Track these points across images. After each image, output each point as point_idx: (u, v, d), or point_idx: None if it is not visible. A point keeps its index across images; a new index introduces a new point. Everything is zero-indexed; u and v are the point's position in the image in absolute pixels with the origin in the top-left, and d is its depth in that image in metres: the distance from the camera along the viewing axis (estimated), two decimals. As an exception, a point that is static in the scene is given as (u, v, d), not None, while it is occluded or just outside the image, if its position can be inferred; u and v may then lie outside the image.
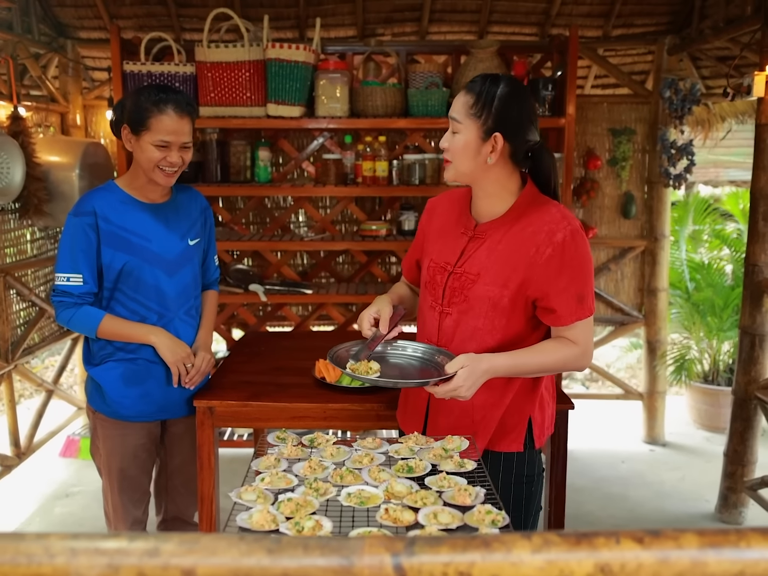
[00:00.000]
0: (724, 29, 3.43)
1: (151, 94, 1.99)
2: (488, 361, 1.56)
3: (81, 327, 2.10)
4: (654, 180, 4.21)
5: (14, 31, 3.37)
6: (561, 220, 1.62)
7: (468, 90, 1.64)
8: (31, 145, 3.28)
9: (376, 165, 3.63)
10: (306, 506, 1.25)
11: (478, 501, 1.29)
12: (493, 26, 4.11)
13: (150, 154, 2.00)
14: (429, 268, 1.79)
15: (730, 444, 3.43)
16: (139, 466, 2.24)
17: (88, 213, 2.04)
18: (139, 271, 2.09)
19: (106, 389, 2.15)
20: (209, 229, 2.33)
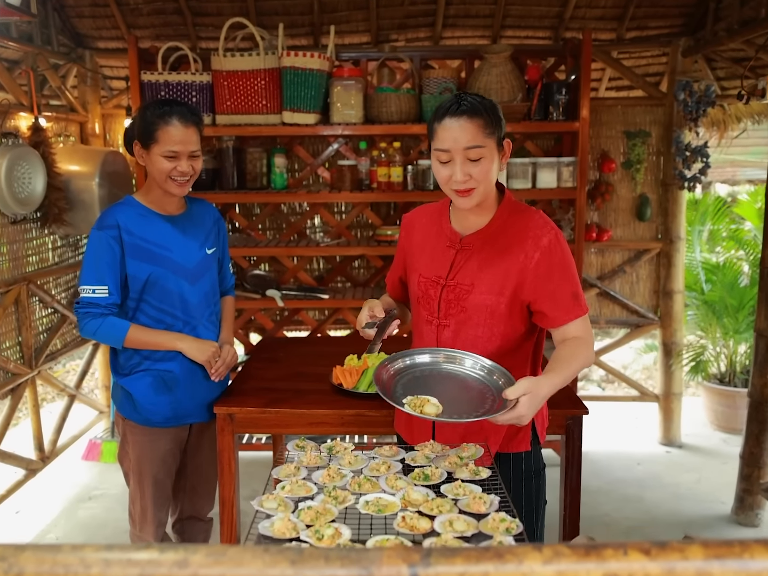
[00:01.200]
0: (739, 31, 3.42)
1: (156, 108, 2.08)
2: (547, 385, 1.54)
3: (107, 338, 2.15)
4: (669, 182, 4.20)
5: (34, 42, 3.44)
6: (544, 226, 1.70)
7: (471, 115, 1.62)
8: (51, 155, 3.34)
9: (391, 170, 3.66)
10: (325, 514, 1.28)
11: (492, 509, 1.32)
12: (506, 30, 4.11)
13: (160, 166, 2.07)
14: (420, 283, 1.82)
15: (746, 446, 3.42)
16: (166, 471, 2.31)
17: (111, 226, 2.10)
18: (164, 280, 2.15)
19: (137, 397, 2.21)
20: (223, 238, 2.41)
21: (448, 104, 1.65)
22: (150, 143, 2.07)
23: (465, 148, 1.62)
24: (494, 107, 1.67)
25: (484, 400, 1.58)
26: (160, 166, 2.08)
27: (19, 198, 3.14)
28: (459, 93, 1.68)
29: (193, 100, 3.48)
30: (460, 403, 1.56)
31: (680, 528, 3.39)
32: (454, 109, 1.63)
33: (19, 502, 3.55)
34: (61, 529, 3.37)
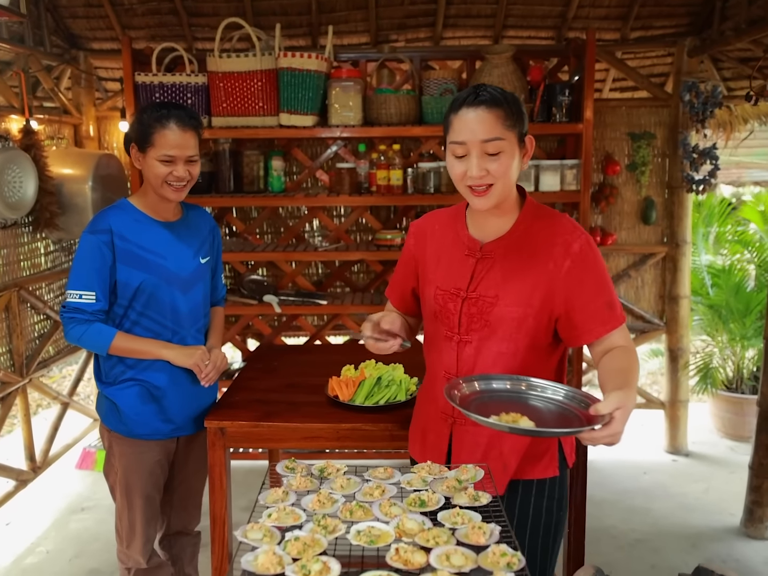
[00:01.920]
0: (747, 30, 3.34)
1: (154, 111, 2.02)
2: (631, 398, 1.38)
3: (92, 344, 2.09)
4: (674, 185, 4.12)
5: (26, 44, 3.37)
6: (573, 230, 1.58)
7: (490, 105, 1.50)
8: (43, 158, 3.28)
9: (391, 173, 3.59)
10: (314, 546, 1.20)
11: (492, 540, 1.24)
12: (508, 30, 4.04)
13: (156, 170, 2.02)
14: (437, 296, 1.68)
15: (755, 457, 3.35)
16: (154, 484, 2.23)
17: (104, 231, 2.04)
18: (156, 288, 2.09)
19: (123, 408, 2.14)
20: (217, 248, 2.35)
21: (465, 94, 1.53)
22: (146, 147, 2.02)
23: (482, 140, 1.50)
24: (516, 100, 1.55)
25: (570, 421, 1.43)
26: (156, 170, 2.02)
27: (9, 202, 3.06)
28: (478, 84, 1.55)
29: (188, 102, 3.40)
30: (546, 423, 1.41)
31: (688, 541, 3.32)
32: (472, 99, 1.51)
33: (9, 514, 3.48)
34: (52, 541, 3.29)
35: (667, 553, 3.22)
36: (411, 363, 2.41)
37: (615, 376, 1.47)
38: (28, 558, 3.16)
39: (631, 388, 1.42)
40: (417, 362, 2.50)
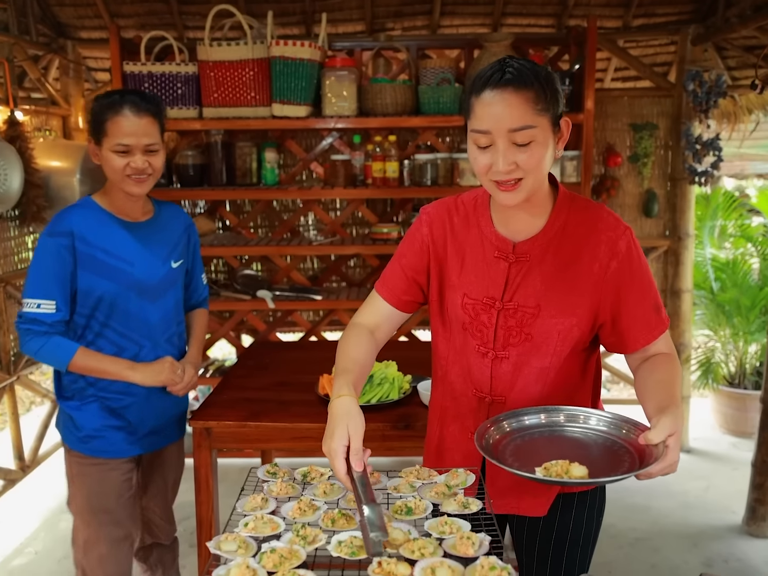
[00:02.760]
0: (752, 17, 3.27)
1: (106, 98, 1.88)
2: (681, 414, 1.26)
3: (50, 359, 1.92)
4: (677, 177, 4.04)
5: (10, 32, 3.28)
6: (617, 225, 1.41)
7: (519, 86, 1.27)
8: (29, 150, 3.19)
9: (387, 165, 3.51)
10: (291, 558, 1.13)
11: (482, 551, 1.16)
12: (507, 18, 3.96)
13: (113, 162, 1.86)
14: (466, 305, 1.47)
15: (758, 454, 3.28)
16: (123, 506, 2.05)
17: (64, 233, 1.87)
18: (121, 298, 1.93)
19: (84, 425, 1.98)
20: (194, 247, 2.18)
21: (489, 72, 1.29)
22: (101, 137, 1.86)
23: (510, 129, 1.27)
24: (549, 76, 1.30)
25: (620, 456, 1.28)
26: (112, 162, 1.86)
27: (-7, 195, 2.99)
28: (504, 58, 1.32)
29: (178, 92, 3.33)
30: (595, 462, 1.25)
31: (689, 540, 3.25)
32: (497, 78, 1.27)
33: (-3, 514, 3.43)
34: (41, 542, 3.23)
35: (668, 552, 3.16)
36: (404, 360, 2.34)
37: (658, 391, 1.33)
38: (16, 559, 3.10)
39: (678, 405, 1.28)
40: (410, 359, 2.44)
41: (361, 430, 1.29)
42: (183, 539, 2.41)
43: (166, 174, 3.64)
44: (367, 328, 1.54)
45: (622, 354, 1.48)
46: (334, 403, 1.34)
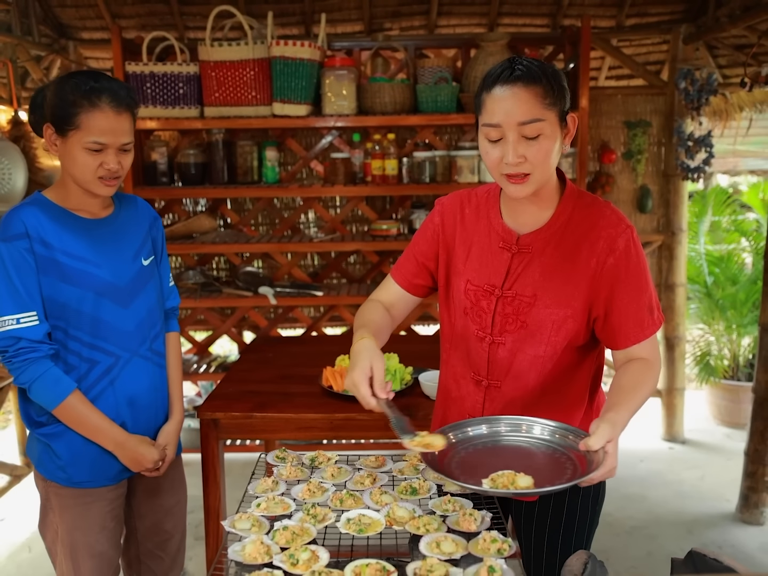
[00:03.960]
0: (741, 17, 3.33)
1: (80, 84, 1.61)
2: (621, 423, 1.30)
3: (41, 394, 1.65)
4: (670, 173, 4.11)
5: (13, 33, 3.33)
6: (618, 223, 1.44)
7: (528, 82, 1.34)
8: (33, 150, 3.25)
9: (386, 163, 3.57)
10: (302, 535, 1.20)
11: (483, 527, 1.23)
12: (503, 18, 4.02)
13: (82, 161, 1.62)
14: (468, 291, 1.54)
15: (750, 443, 3.35)
16: (108, 539, 1.80)
17: (19, 236, 1.62)
18: (87, 304, 1.69)
19: (61, 452, 1.72)
20: (161, 244, 1.93)
21: (499, 69, 1.36)
22: (68, 129, 1.60)
23: (520, 122, 1.33)
24: (556, 73, 1.38)
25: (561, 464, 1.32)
26: (81, 160, 1.62)
27: (-1, 194, 3.04)
28: (513, 57, 1.39)
29: (180, 92, 3.38)
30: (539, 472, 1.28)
31: (684, 527, 3.32)
32: (507, 75, 1.34)
33: (4, 510, 3.47)
34: (48, 535, 3.28)
35: (664, 539, 3.22)
36: (405, 353, 2.40)
37: (613, 396, 1.38)
38: (23, 553, 3.15)
39: (623, 411, 1.32)
40: (411, 352, 2.50)
41: (383, 365, 1.38)
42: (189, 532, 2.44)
43: (168, 173, 3.69)
44: (381, 304, 1.64)
45: (612, 349, 1.51)
46: (356, 345, 1.43)
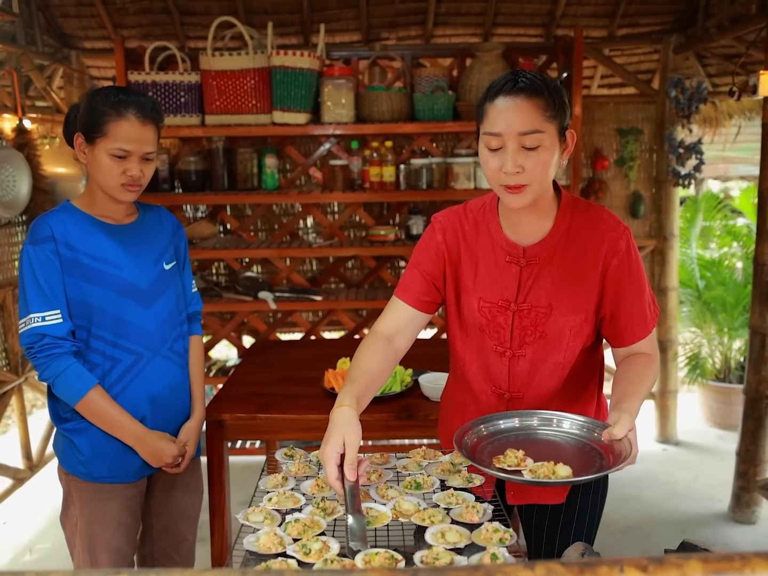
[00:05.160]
0: (729, 27, 3.40)
1: (109, 96, 1.73)
2: (635, 412, 1.34)
3: (64, 389, 1.74)
4: (662, 179, 4.19)
5: (18, 43, 3.39)
6: (617, 226, 1.49)
7: (530, 94, 1.37)
8: (36, 157, 3.30)
9: (383, 170, 3.62)
10: (313, 527, 1.25)
11: (485, 518, 1.29)
12: (498, 28, 4.09)
13: (107, 166, 1.71)
14: (482, 309, 1.54)
15: (742, 443, 3.41)
16: (124, 535, 1.87)
17: (46, 239, 1.73)
18: (111, 303, 1.79)
19: (83, 448, 1.81)
20: (184, 251, 2.01)
21: (503, 81, 1.39)
22: (96, 137, 1.70)
23: (520, 132, 1.35)
24: (558, 89, 1.41)
25: (589, 456, 1.35)
26: (106, 166, 1.71)
27: (3, 201, 3.10)
28: (516, 70, 1.43)
29: (181, 100, 3.43)
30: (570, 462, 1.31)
31: (678, 527, 3.37)
32: (510, 87, 1.37)
33: (6, 513, 3.49)
34: (50, 539, 3.29)
35: (658, 538, 3.28)
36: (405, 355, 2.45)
37: (622, 387, 1.42)
38: (25, 556, 3.17)
39: (635, 402, 1.37)
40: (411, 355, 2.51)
41: (356, 441, 1.32)
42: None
43: (169, 179, 3.75)
44: (384, 337, 1.57)
45: (617, 347, 1.55)
46: (334, 412, 1.39)
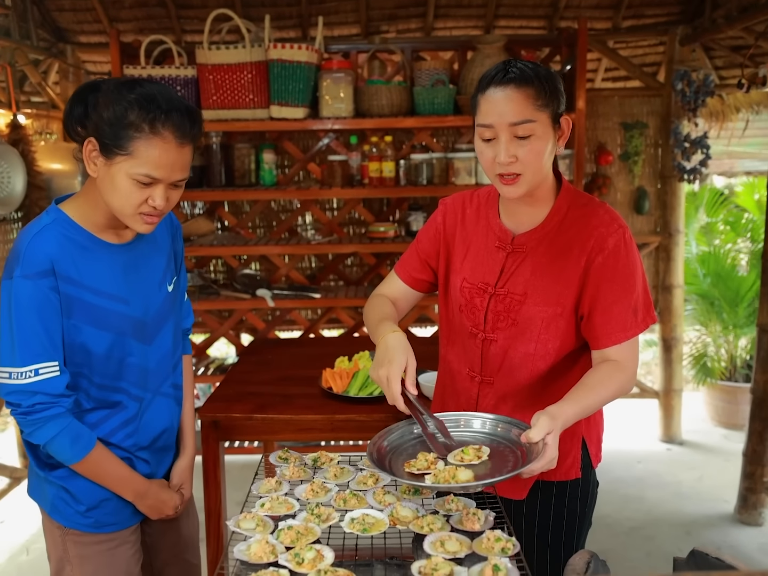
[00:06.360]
0: (738, 18, 3.34)
1: (143, 102, 1.35)
2: (562, 416, 1.30)
3: (60, 451, 1.46)
4: (667, 174, 4.13)
5: (12, 37, 3.33)
6: (610, 223, 1.45)
7: (520, 83, 1.37)
8: (31, 153, 3.25)
9: (383, 165, 3.57)
10: (307, 534, 1.20)
11: (487, 526, 1.23)
12: (499, 20, 4.03)
13: (127, 192, 1.38)
14: (463, 289, 1.58)
15: (749, 444, 3.36)
16: None
17: (44, 273, 1.39)
18: (117, 348, 1.51)
19: (82, 494, 1.53)
20: (181, 256, 1.73)
21: (493, 72, 1.40)
22: (117, 153, 1.36)
23: (511, 123, 1.36)
24: (550, 76, 1.41)
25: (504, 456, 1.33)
26: (126, 191, 1.38)
27: (-3, 198, 3.04)
28: (509, 59, 1.43)
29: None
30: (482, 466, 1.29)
31: (683, 528, 3.33)
32: (500, 77, 1.38)
33: (3, 512, 3.46)
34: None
35: (662, 540, 3.23)
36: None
37: (573, 389, 1.39)
38: (22, 556, 3.14)
39: (572, 403, 1.33)
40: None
41: (415, 363, 1.42)
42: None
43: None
44: (387, 298, 1.70)
45: (593, 349, 1.49)
46: (390, 336, 1.45)
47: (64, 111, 1.46)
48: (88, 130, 1.40)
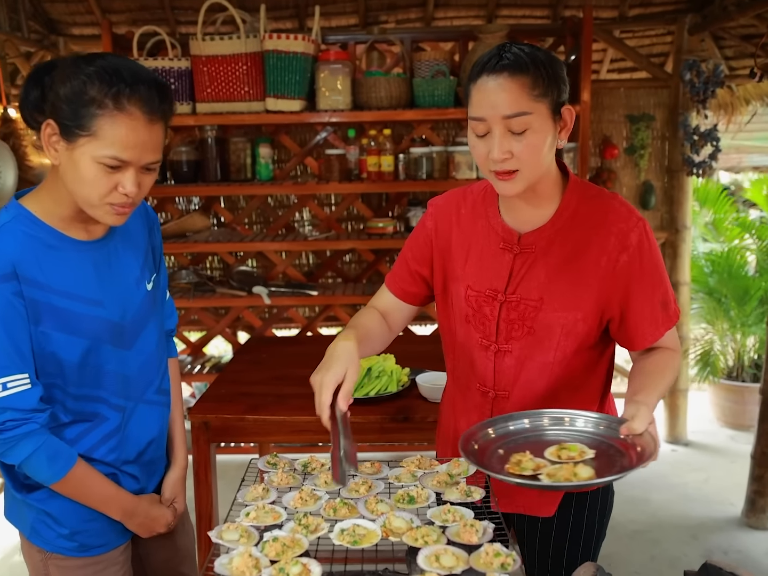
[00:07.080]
0: (750, 5, 3.26)
1: (104, 75, 1.21)
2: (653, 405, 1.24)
3: (37, 471, 1.34)
4: (674, 168, 4.04)
5: (2, 29, 3.27)
6: (629, 217, 1.35)
7: (514, 71, 1.24)
8: (22, 147, 3.19)
9: (382, 159, 3.49)
10: (293, 547, 1.12)
11: (486, 539, 1.15)
12: (502, 9, 3.96)
13: (93, 177, 1.23)
14: (469, 297, 1.44)
15: (757, 446, 3.29)
16: None
17: (6, 277, 1.26)
18: (93, 356, 1.38)
19: (64, 517, 1.42)
20: (160, 251, 1.58)
21: (486, 58, 1.27)
22: (79, 134, 1.21)
23: (504, 116, 1.24)
24: (550, 61, 1.27)
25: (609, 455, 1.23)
26: (91, 177, 1.23)
27: (-14, 192, 2.97)
28: (503, 43, 1.29)
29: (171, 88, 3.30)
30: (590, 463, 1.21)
31: (688, 532, 3.25)
32: (493, 64, 1.25)
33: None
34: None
35: (667, 544, 3.15)
36: (403, 353, 2.33)
37: (638, 380, 1.32)
38: (15, 556, 3.09)
39: (654, 392, 1.27)
40: (408, 353, 2.43)
41: (356, 375, 1.33)
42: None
43: (160, 170, 3.62)
44: (377, 311, 1.58)
45: (630, 350, 1.44)
46: (338, 344, 1.36)
47: (20, 96, 1.30)
48: (45, 113, 1.24)
